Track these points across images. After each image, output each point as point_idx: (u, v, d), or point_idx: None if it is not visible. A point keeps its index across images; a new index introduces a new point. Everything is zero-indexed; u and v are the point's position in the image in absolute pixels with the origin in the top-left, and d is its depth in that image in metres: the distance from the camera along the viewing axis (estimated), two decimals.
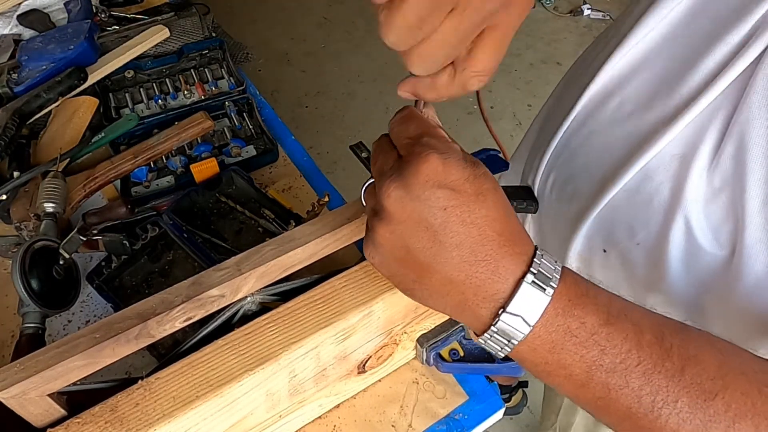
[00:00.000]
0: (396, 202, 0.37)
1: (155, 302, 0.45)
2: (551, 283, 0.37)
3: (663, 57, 0.56)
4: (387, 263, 0.40)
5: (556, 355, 0.37)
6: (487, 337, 0.38)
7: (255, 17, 2.81)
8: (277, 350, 0.48)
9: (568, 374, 0.37)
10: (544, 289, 0.36)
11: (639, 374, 0.36)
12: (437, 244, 0.37)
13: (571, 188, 0.66)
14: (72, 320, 0.71)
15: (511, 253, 0.37)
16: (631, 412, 0.36)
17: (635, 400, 0.36)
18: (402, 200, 0.37)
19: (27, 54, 0.88)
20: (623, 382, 0.36)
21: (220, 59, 0.98)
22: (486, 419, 0.63)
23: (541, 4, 2.86)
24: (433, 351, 0.61)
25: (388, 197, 0.37)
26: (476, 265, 0.37)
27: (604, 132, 0.61)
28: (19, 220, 0.70)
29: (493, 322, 0.37)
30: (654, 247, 0.57)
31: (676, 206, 0.53)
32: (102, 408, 0.44)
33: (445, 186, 0.36)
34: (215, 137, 0.88)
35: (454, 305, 0.39)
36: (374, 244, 0.39)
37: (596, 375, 0.36)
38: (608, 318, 0.37)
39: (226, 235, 0.74)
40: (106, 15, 1.03)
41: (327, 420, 0.62)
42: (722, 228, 0.51)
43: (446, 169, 0.37)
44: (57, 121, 0.82)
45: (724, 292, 0.53)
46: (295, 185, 0.85)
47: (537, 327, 0.36)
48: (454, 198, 0.36)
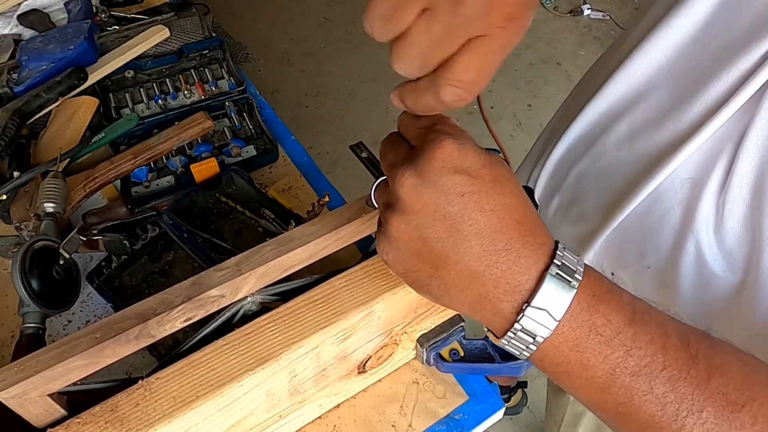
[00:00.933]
0: (411, 190, 0.35)
1: (155, 302, 0.45)
2: (576, 275, 0.35)
3: (672, 79, 0.55)
4: (402, 258, 0.38)
5: (579, 354, 0.35)
6: (510, 335, 0.36)
7: (255, 17, 2.81)
8: (277, 350, 0.48)
9: (590, 376, 0.35)
10: (569, 281, 0.35)
11: (664, 380, 0.34)
12: (455, 233, 0.35)
13: (577, 210, 0.65)
14: (72, 320, 0.71)
15: (532, 243, 0.36)
16: (654, 421, 0.35)
17: (659, 407, 0.34)
18: (417, 188, 0.35)
19: (27, 54, 0.88)
20: (647, 387, 0.34)
21: (220, 59, 0.98)
22: (486, 419, 0.63)
23: (541, 4, 2.85)
24: (433, 351, 0.61)
25: (402, 186, 0.36)
26: (497, 254, 0.35)
27: (612, 154, 0.60)
28: (19, 220, 0.70)
29: (516, 318, 0.35)
30: (664, 271, 0.56)
31: (687, 230, 0.52)
32: (102, 408, 0.44)
33: (461, 171, 0.35)
34: (215, 137, 0.88)
35: (473, 301, 0.37)
36: (388, 238, 0.38)
37: (620, 378, 0.35)
38: (633, 317, 0.35)
39: (226, 235, 0.74)
40: (106, 15, 1.03)
41: (327, 420, 0.62)
42: (735, 253, 0.50)
43: (462, 154, 0.35)
44: (57, 121, 0.82)
45: (737, 318, 0.51)
46: (295, 185, 0.85)
47: (562, 322, 0.34)
48: (471, 184, 0.35)
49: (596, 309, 0.35)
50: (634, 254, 0.59)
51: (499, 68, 0.35)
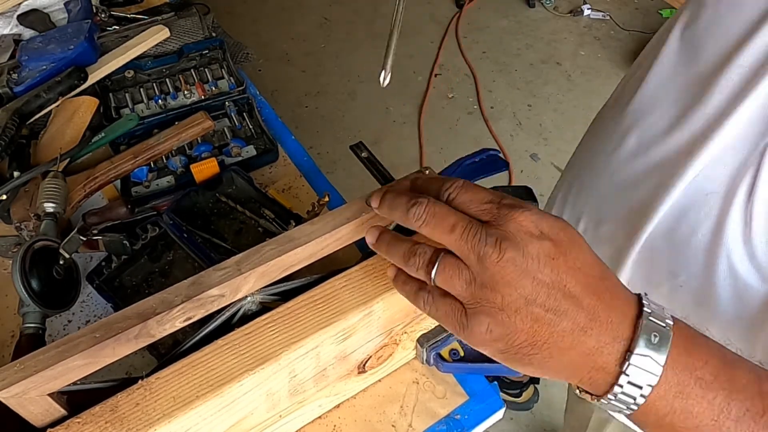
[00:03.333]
0: (509, 264, 0.36)
1: (155, 302, 0.45)
2: (666, 320, 0.35)
3: (676, 84, 0.56)
4: (508, 332, 0.37)
5: (684, 401, 0.35)
6: (617, 389, 0.35)
7: (255, 17, 2.81)
8: (277, 350, 0.48)
9: (695, 425, 0.35)
10: (662, 326, 0.35)
11: (765, 424, 0.34)
12: (555, 295, 0.36)
13: (604, 230, 0.66)
14: (72, 320, 0.71)
15: (619, 295, 0.37)
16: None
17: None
18: (515, 261, 0.36)
19: (27, 54, 0.88)
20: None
21: (220, 59, 0.98)
22: (486, 419, 0.63)
23: (541, 4, 2.86)
24: (433, 351, 0.61)
25: (500, 261, 0.36)
26: (593, 309, 0.36)
27: (626, 167, 0.61)
28: (19, 220, 0.70)
29: (622, 369, 0.35)
30: (698, 288, 0.56)
31: (717, 245, 0.53)
32: (102, 408, 0.44)
33: (545, 238, 0.36)
34: (215, 137, 0.88)
35: (575, 361, 0.37)
36: (492, 315, 0.37)
37: (725, 425, 0.34)
38: (724, 359, 0.35)
39: (226, 235, 0.74)
40: (106, 15, 1.03)
41: (327, 420, 0.62)
42: (766, 264, 0.50)
43: (541, 221, 0.37)
44: (57, 121, 0.82)
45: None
46: (295, 185, 0.85)
47: (665, 368, 0.34)
48: (555, 247, 0.36)
49: (692, 352, 0.35)
50: (665, 273, 0.59)
51: (500, 68, 0.35)
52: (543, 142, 2.27)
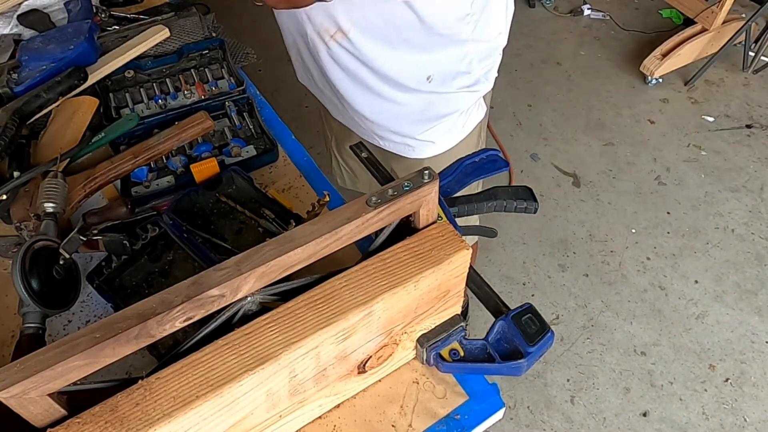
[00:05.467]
0: None
1: (155, 302, 0.45)
2: None
3: None
4: None
5: None
6: None
7: (255, 17, 2.81)
8: (277, 350, 0.48)
9: None
10: None
11: None
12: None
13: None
14: (72, 320, 0.71)
15: None
16: None
17: None
18: None
19: (27, 54, 0.88)
20: None
21: (220, 59, 0.98)
22: (486, 419, 0.63)
23: (541, 4, 2.86)
24: (433, 351, 0.61)
25: None
26: None
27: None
28: (19, 220, 0.70)
29: None
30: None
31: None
32: (102, 408, 0.44)
33: None
34: (215, 137, 0.88)
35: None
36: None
37: None
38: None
39: (226, 235, 0.74)
40: (106, 15, 1.03)
41: (327, 420, 0.62)
42: None
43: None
44: (57, 121, 0.82)
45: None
46: (295, 185, 0.85)
47: None
48: None
49: None
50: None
51: (499, 68, 0.35)
52: (543, 142, 2.27)
